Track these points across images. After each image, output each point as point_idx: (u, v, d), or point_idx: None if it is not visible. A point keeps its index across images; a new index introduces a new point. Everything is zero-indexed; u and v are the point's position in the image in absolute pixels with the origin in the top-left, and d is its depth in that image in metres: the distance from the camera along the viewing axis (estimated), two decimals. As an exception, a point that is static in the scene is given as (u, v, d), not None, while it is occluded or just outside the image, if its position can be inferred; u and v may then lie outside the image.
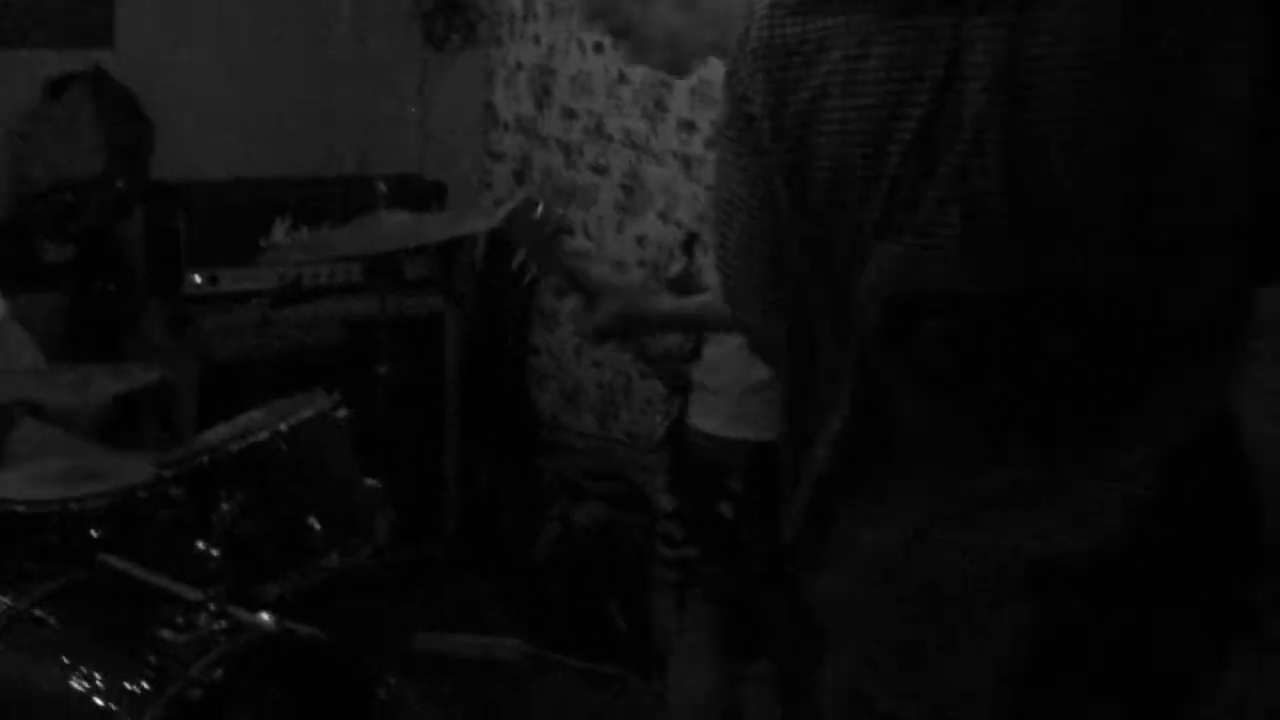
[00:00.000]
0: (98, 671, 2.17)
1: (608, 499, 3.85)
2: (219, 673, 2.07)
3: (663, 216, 3.85)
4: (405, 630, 3.33)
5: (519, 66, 4.38)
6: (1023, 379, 1.21)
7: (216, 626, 2.13)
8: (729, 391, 2.13)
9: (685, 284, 2.24)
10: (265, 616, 2.23)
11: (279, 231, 3.55)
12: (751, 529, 2.12)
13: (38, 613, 2.27)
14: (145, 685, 2.06)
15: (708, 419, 2.19)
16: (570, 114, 4.20)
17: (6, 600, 2.22)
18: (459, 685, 3.17)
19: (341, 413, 2.54)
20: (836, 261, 1.24)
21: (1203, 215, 1.15)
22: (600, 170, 4.09)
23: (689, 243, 2.33)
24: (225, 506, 2.25)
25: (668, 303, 2.12)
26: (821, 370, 1.32)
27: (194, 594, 2.21)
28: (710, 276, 2.16)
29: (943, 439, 1.27)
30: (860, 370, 1.27)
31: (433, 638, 3.36)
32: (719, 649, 2.27)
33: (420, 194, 3.75)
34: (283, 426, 2.38)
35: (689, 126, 3.84)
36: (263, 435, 2.36)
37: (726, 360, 2.13)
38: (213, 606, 2.16)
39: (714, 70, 1.97)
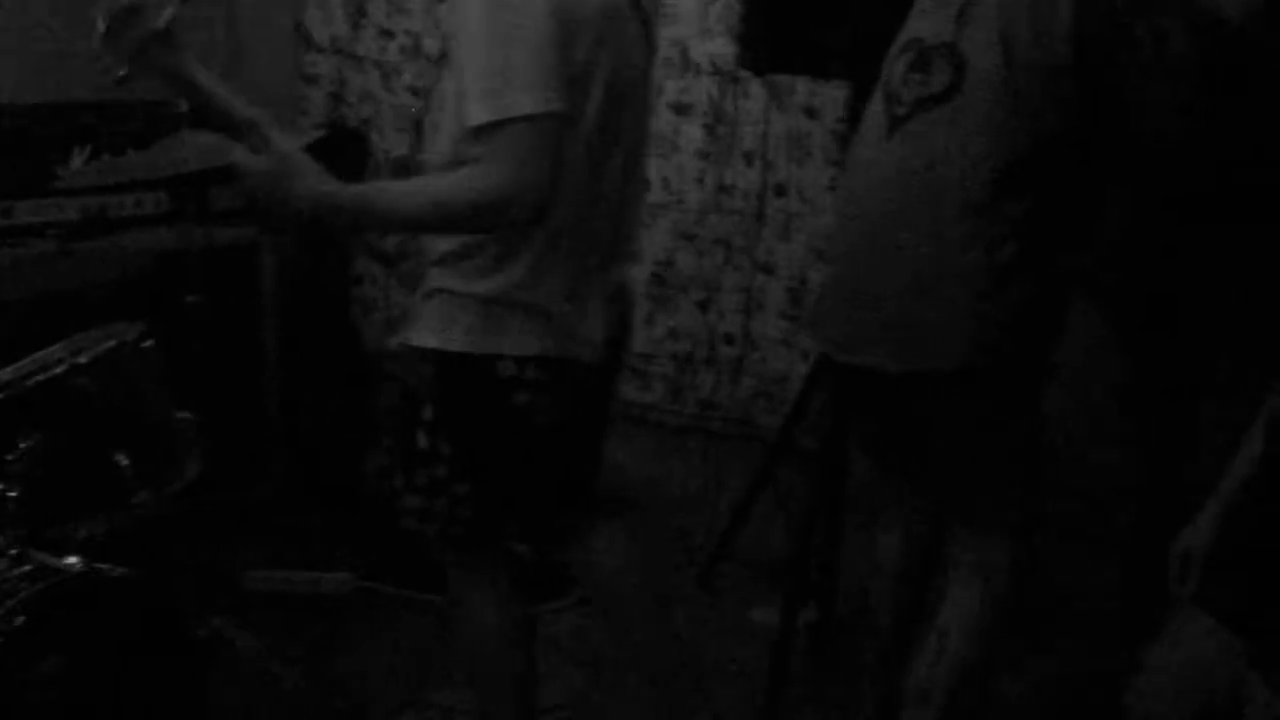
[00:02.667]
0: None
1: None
2: (20, 619, 1.97)
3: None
4: (232, 568, 3.24)
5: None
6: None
7: (17, 572, 2.03)
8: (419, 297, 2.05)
9: (406, 168, 2.14)
10: (71, 559, 2.13)
11: (78, 160, 3.37)
12: (446, 466, 2.05)
13: None
14: (-59, 636, 1.95)
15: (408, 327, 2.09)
16: (387, 34, 4.08)
17: None
18: (288, 621, 3.10)
19: (147, 344, 2.43)
20: None
21: None
22: (418, 92, 3.99)
23: (417, 126, 2.22)
24: (22, 446, 2.14)
25: (324, 182, 1.89)
26: None
27: (-8, 539, 2.10)
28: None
29: None
30: None
31: (260, 575, 3.27)
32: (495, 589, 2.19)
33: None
34: (82, 359, 2.26)
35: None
36: (60, 369, 2.24)
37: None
38: (13, 551, 2.06)
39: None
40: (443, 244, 2.02)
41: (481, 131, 1.81)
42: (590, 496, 2.36)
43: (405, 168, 2.12)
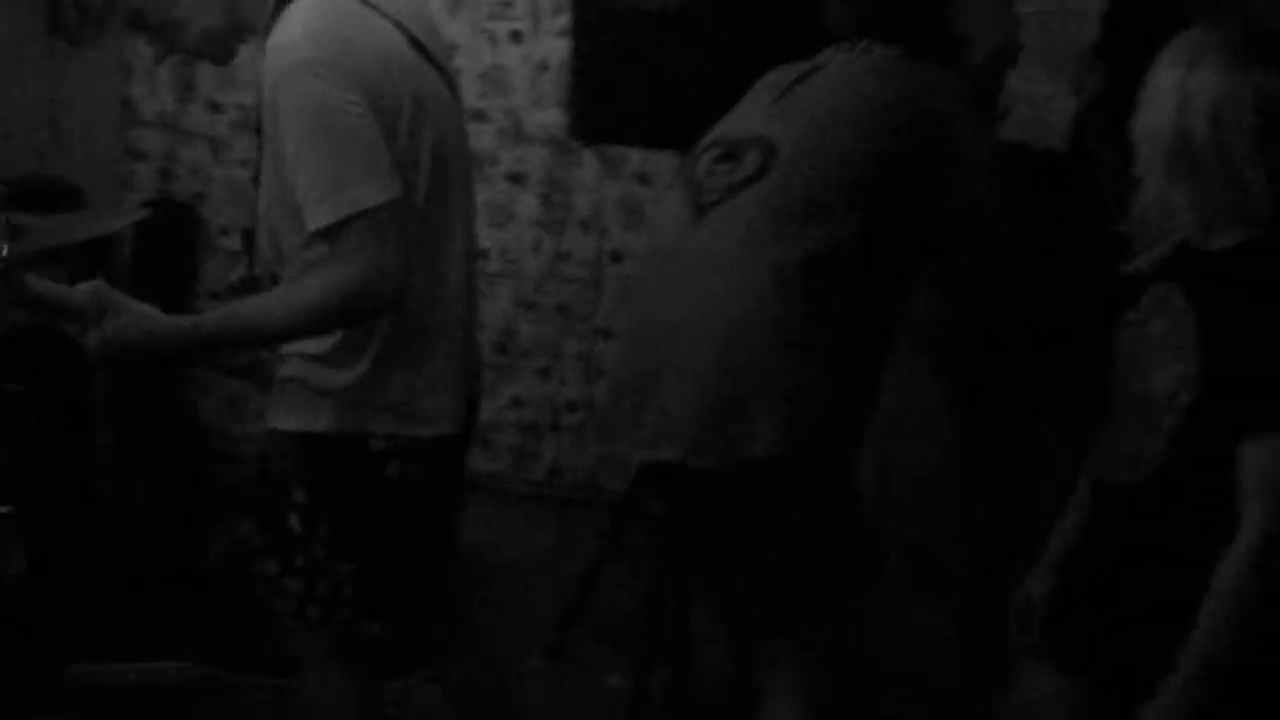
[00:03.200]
0: None
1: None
2: None
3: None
4: (60, 662, 3.10)
5: (159, 59, 4.16)
6: None
7: None
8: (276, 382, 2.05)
9: (249, 289, 2.13)
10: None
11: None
12: (324, 547, 2.02)
13: None
14: None
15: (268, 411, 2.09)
16: (216, 108, 4.03)
17: None
18: (121, 718, 2.98)
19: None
20: None
21: None
22: (247, 164, 3.94)
23: (248, 238, 2.19)
24: None
25: (179, 321, 1.92)
26: None
27: None
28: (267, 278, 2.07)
29: None
30: None
31: (90, 668, 3.14)
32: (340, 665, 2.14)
33: (50, 197, 3.50)
34: (-106, 456, 2.17)
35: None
36: None
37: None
38: None
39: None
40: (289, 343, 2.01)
41: (327, 232, 1.81)
42: (455, 564, 2.34)
43: (247, 287, 2.08)
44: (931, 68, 2.19)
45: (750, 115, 2.21)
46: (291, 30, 1.86)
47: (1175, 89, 1.83)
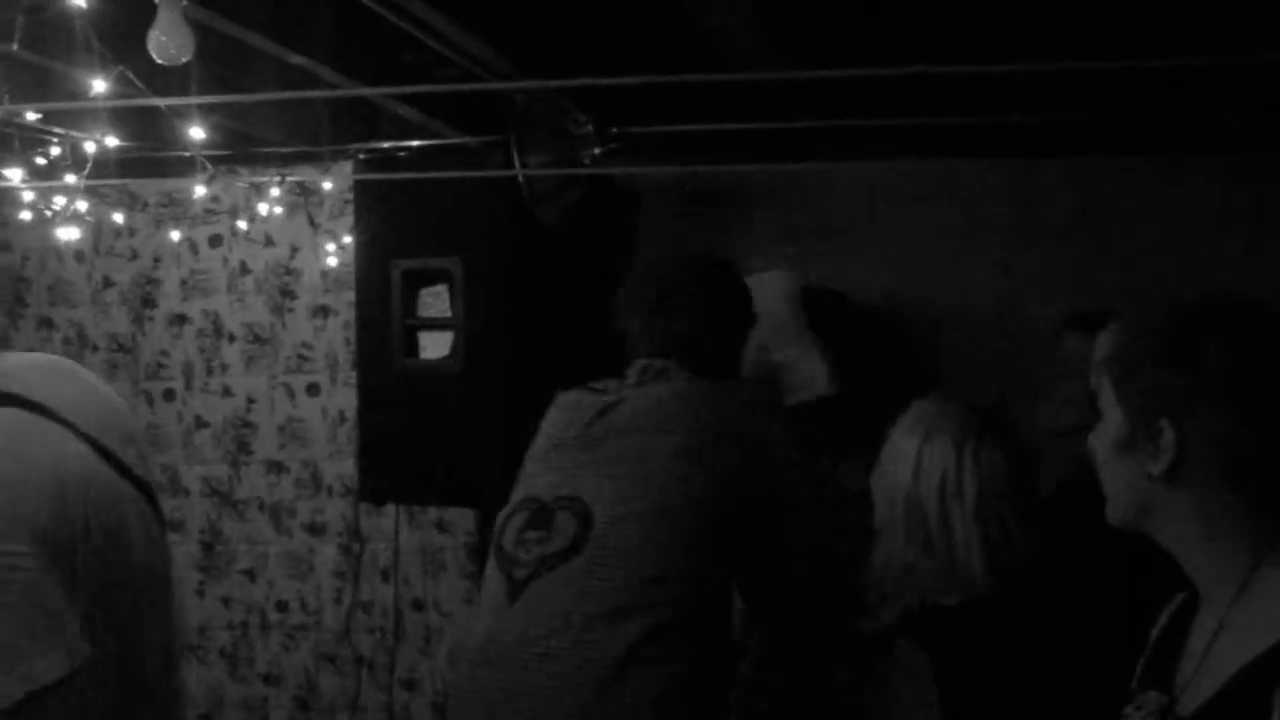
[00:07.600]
0: None
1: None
2: None
3: None
4: None
5: None
6: None
7: None
8: None
9: None
10: None
11: None
12: None
13: None
14: None
15: None
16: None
17: None
18: None
19: None
20: None
21: None
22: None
23: None
24: None
25: None
26: None
27: None
28: None
29: None
30: None
31: None
32: None
33: None
34: None
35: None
36: None
37: None
38: None
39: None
40: None
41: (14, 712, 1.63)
42: None
43: None
44: (736, 386, 2.17)
45: (556, 466, 2.09)
46: None
47: (912, 456, 1.96)
